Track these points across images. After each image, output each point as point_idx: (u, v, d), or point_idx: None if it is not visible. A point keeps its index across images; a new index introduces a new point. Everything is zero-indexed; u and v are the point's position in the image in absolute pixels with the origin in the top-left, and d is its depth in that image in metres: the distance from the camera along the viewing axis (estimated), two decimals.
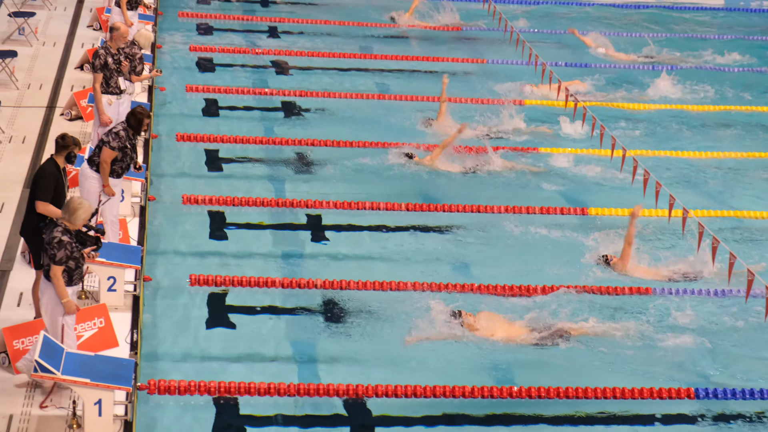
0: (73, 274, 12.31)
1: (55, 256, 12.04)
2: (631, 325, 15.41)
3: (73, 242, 12.22)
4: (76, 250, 12.27)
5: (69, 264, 12.23)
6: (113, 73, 16.99)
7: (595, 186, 19.96)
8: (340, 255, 17.01)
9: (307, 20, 27.74)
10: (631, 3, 31.81)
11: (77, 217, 12.24)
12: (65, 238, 12.13)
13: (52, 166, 13.35)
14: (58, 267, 12.12)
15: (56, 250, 12.07)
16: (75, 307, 12.25)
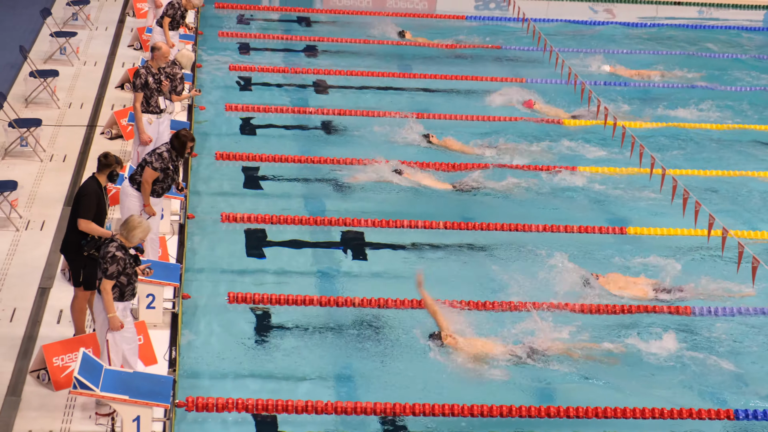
0: (124, 290, 12.43)
1: (107, 270, 12.20)
2: (634, 342, 15.35)
3: (126, 259, 12.33)
4: (129, 267, 12.39)
5: (120, 280, 12.36)
6: (153, 92, 17.09)
7: (632, 205, 19.88)
8: (378, 273, 17.00)
9: (346, 39, 27.82)
10: (672, 23, 31.73)
11: (134, 236, 12.41)
12: (119, 254, 12.28)
13: (94, 184, 13.41)
14: (109, 281, 12.27)
15: (109, 265, 12.23)
16: (119, 324, 12.32)
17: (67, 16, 25.46)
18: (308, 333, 15.22)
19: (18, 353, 13.40)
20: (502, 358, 14.73)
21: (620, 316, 16.12)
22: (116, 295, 12.37)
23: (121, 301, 12.43)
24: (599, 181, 20.59)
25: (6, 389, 12.74)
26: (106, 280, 12.27)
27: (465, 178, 20.13)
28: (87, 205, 13.21)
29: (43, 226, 16.45)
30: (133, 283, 12.51)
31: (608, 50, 28.62)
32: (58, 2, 26.63)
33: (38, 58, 22.95)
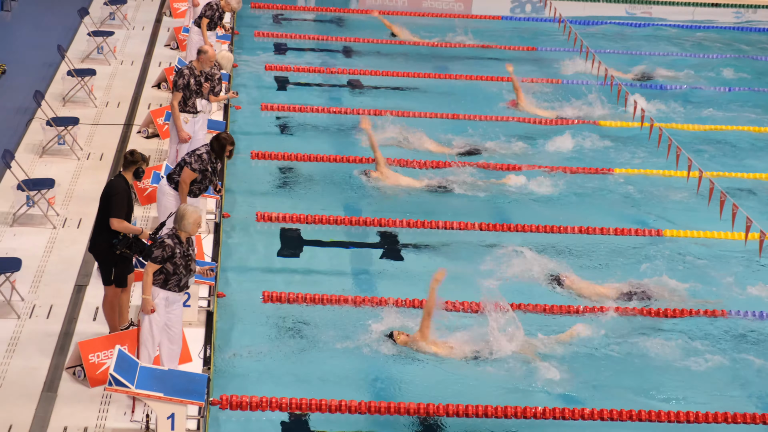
0: (169, 278, 12.56)
1: (152, 253, 12.45)
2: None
3: (176, 248, 12.49)
4: (179, 257, 12.51)
5: (166, 267, 12.51)
6: (193, 93, 17.14)
7: (671, 207, 19.80)
8: (412, 273, 16.99)
9: (381, 40, 27.84)
10: (708, 25, 31.60)
11: (186, 224, 12.59)
12: (168, 241, 12.49)
13: (122, 182, 13.42)
14: (152, 265, 12.47)
15: (156, 248, 12.47)
16: (151, 307, 12.45)
17: (104, 15, 25.60)
18: (342, 333, 15.22)
19: (54, 350, 13.50)
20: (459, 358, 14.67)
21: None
22: (159, 281, 12.53)
23: (162, 289, 12.54)
24: (635, 183, 20.51)
25: (42, 385, 12.83)
26: (150, 263, 12.49)
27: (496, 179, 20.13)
28: (118, 203, 13.24)
29: (79, 224, 16.54)
30: (179, 274, 12.61)
31: (643, 52, 28.51)
32: (96, 2, 26.80)
33: (76, 57, 23.09)
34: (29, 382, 12.84)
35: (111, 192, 13.33)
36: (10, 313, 14.10)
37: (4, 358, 13.26)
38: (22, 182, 16.37)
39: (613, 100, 22.21)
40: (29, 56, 23.41)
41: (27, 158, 18.24)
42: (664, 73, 26.84)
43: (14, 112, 20.46)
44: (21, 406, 12.41)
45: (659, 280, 16.79)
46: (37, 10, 26.99)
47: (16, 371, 13.02)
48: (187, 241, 12.71)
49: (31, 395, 12.62)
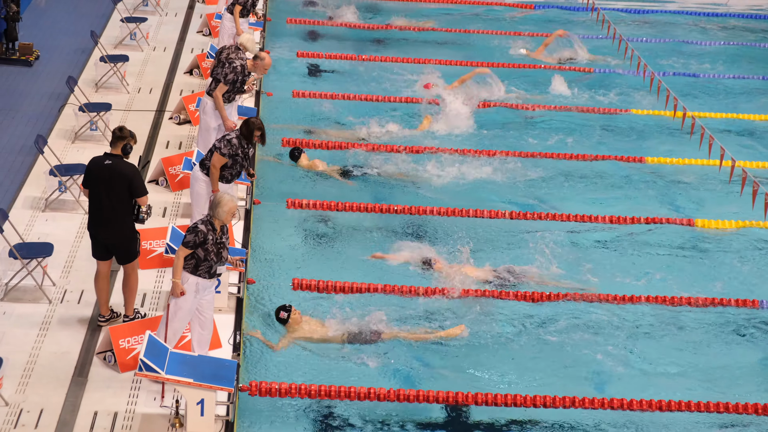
0: (199, 264, 12.62)
1: (185, 237, 12.54)
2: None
3: (209, 235, 12.55)
4: (211, 244, 12.56)
5: (198, 252, 12.57)
6: (237, 90, 17.07)
7: (702, 194, 19.72)
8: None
9: (414, 27, 27.79)
10: (743, 13, 31.37)
11: (220, 212, 12.61)
12: (201, 227, 12.55)
13: (122, 160, 13.41)
14: (183, 249, 12.53)
15: (188, 233, 12.54)
16: (180, 290, 12.52)
17: (137, 1, 25.69)
18: (370, 320, 15.23)
19: (85, 335, 13.57)
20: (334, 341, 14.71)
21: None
22: (190, 266, 12.60)
23: (193, 274, 12.60)
24: (668, 172, 20.44)
25: (73, 370, 12.91)
26: (182, 246, 12.55)
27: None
28: (141, 182, 13.41)
29: None
30: (210, 261, 12.66)
31: (678, 39, 28.34)
32: None
33: (109, 43, 23.17)
34: (60, 366, 12.92)
35: (130, 177, 13.29)
36: (42, 298, 14.19)
37: (36, 342, 13.35)
38: (54, 168, 16.45)
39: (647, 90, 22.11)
40: (63, 42, 23.51)
41: (60, 144, 18.32)
42: (695, 61, 26.71)
43: (47, 98, 20.56)
44: (52, 391, 12.50)
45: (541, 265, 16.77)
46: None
47: (47, 356, 13.11)
48: (221, 228, 12.75)
49: (62, 380, 12.70)
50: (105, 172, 13.33)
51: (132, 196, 13.31)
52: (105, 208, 13.35)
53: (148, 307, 14.25)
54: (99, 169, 13.39)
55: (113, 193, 13.30)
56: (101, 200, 13.35)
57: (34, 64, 22.29)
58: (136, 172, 13.39)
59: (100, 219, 13.42)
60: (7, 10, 22.18)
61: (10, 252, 14.18)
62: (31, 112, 19.92)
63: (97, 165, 13.44)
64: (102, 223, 13.43)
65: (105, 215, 13.37)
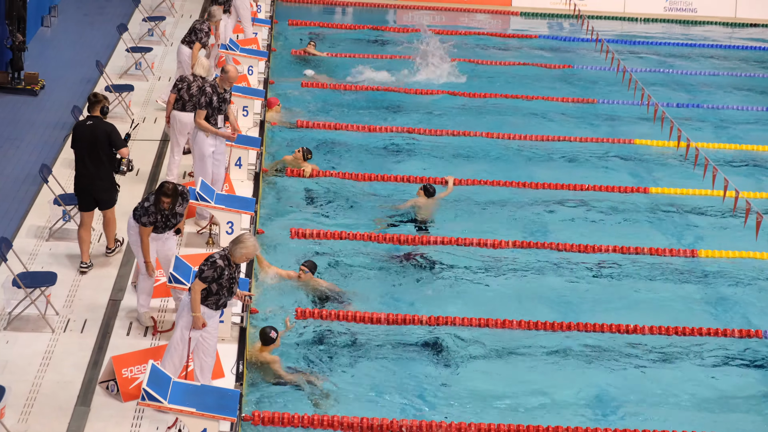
0: (210, 296, 12.69)
1: (203, 272, 12.59)
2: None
3: (225, 270, 12.58)
4: (226, 279, 12.62)
5: (211, 286, 12.62)
6: (215, 111, 17.04)
7: (706, 225, 19.74)
8: (445, 292, 17.00)
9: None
10: (745, 45, 31.48)
11: (236, 251, 12.57)
12: (220, 262, 12.55)
13: (101, 120, 15.45)
14: (200, 283, 12.57)
15: (206, 268, 12.56)
16: (203, 323, 12.63)
17: (143, 31, 25.78)
18: (376, 352, 15.23)
19: (88, 364, 13.56)
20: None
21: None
22: (200, 297, 12.67)
23: (201, 304, 12.63)
24: (671, 203, 20.47)
25: (76, 399, 12.89)
26: (198, 281, 12.57)
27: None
28: (118, 135, 15.43)
29: (123, 241, 16.59)
30: (221, 294, 12.71)
31: (681, 71, 28.43)
32: (135, 18, 26.97)
33: (114, 72, 23.23)
34: (63, 395, 12.91)
35: (108, 132, 15.32)
36: (45, 327, 14.19)
37: (39, 371, 13.34)
38: (58, 197, 16.48)
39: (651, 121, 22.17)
40: (68, 72, 23.59)
41: (64, 173, 18.34)
42: (698, 91, 26.81)
43: (52, 127, 20.62)
44: (54, 420, 12.48)
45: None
46: (77, 26, 27.21)
47: (50, 385, 13.10)
48: (236, 264, 12.78)
49: (65, 409, 12.69)
50: (87, 132, 15.34)
51: (112, 149, 15.26)
52: (90, 163, 15.32)
53: (149, 337, 14.24)
54: (83, 130, 15.42)
55: (96, 148, 15.29)
56: (86, 156, 15.31)
57: (40, 93, 22.36)
58: (114, 128, 15.38)
59: (87, 174, 15.35)
60: (13, 40, 22.27)
61: (14, 281, 14.19)
62: (36, 142, 19.97)
63: (80, 127, 15.52)
64: (89, 177, 15.35)
65: (90, 170, 15.33)
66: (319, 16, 31.61)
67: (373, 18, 31.76)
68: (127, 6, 27.82)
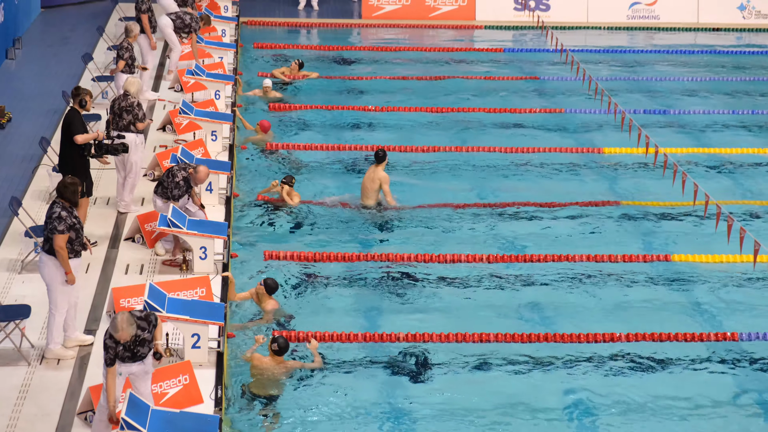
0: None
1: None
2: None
3: (118, 348, 12.07)
4: (122, 352, 12.12)
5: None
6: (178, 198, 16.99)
7: (678, 234, 19.81)
8: (425, 308, 17.00)
9: (385, 77, 27.95)
10: (710, 49, 31.70)
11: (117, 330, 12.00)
12: (109, 342, 12.05)
13: (75, 111, 16.93)
14: (107, 368, 12.08)
15: (104, 350, 12.08)
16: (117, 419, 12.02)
17: (108, 60, 25.72)
18: (354, 370, 15.22)
19: (65, 396, 13.49)
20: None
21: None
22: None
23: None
24: (643, 210, 20.56)
25: (54, 431, 12.81)
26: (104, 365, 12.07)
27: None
28: (78, 125, 16.80)
29: (88, 268, 16.55)
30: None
31: (647, 77, 28.62)
32: (99, 47, 26.93)
33: None
34: (41, 428, 12.83)
35: (69, 120, 16.82)
36: (21, 360, 14.10)
37: (16, 405, 13.26)
38: (29, 229, 16.41)
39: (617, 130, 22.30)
40: (34, 103, 23.54)
41: (34, 205, 18.28)
42: (664, 97, 26.99)
43: (20, 160, 20.55)
44: None
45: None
46: (42, 57, 27.16)
47: (28, 418, 13.02)
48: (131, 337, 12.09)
49: None
50: (63, 122, 17.03)
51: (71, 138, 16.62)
52: (61, 151, 17.03)
53: None
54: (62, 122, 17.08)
55: (64, 136, 16.87)
56: (61, 144, 16.99)
57: (6, 126, 22.29)
58: (75, 116, 16.86)
59: (60, 162, 17.09)
60: None
61: None
62: (4, 174, 19.89)
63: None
64: (61, 165, 17.01)
65: (61, 158, 17.07)
66: (284, 38, 31.65)
67: (339, 38, 31.85)
68: (91, 36, 27.79)
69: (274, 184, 20.13)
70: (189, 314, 14.10)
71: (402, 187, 20.96)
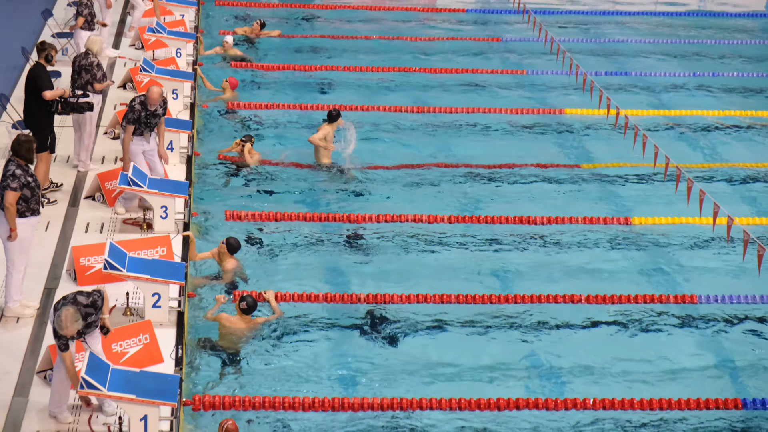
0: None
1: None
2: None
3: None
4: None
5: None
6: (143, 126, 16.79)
7: (638, 196, 19.90)
8: (382, 270, 17.03)
9: (348, 36, 27.85)
10: (672, 11, 31.77)
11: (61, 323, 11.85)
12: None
13: (41, 66, 17.08)
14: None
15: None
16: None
17: (68, 17, 25.46)
18: (314, 330, 15.24)
19: (25, 354, 13.44)
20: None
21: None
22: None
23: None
24: (603, 172, 20.65)
25: (13, 390, 12.77)
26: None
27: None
28: (46, 80, 16.91)
29: (47, 226, 16.45)
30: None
31: (609, 39, 28.67)
32: (59, 3, 26.65)
33: None
34: (0, 387, 12.78)
35: (36, 75, 16.90)
36: None
37: None
38: None
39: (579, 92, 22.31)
40: None
41: None
42: (626, 59, 27.06)
43: None
44: None
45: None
46: (0, 13, 26.83)
47: None
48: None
49: (3, 401, 12.56)
50: (28, 76, 17.12)
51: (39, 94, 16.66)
52: (25, 106, 17.11)
53: None
54: (27, 75, 17.16)
55: (30, 92, 16.98)
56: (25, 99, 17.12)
57: None
58: (41, 72, 16.93)
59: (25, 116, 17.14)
60: None
61: None
62: None
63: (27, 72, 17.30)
64: (26, 119, 17.11)
65: (26, 112, 17.09)
66: None
67: None
68: None
69: (237, 143, 20.08)
70: (150, 273, 14.06)
71: (362, 146, 20.91)
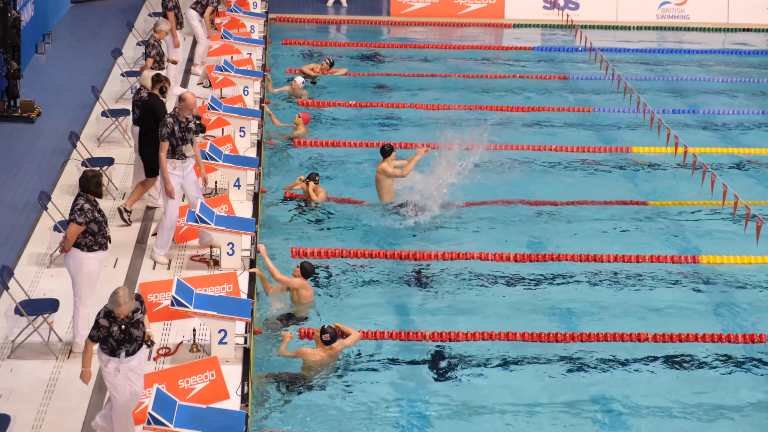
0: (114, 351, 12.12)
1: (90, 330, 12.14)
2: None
3: (112, 327, 11.98)
4: (117, 333, 12.01)
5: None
6: (179, 141, 16.77)
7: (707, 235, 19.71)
8: (452, 306, 16.99)
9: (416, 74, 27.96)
10: (738, 49, 31.56)
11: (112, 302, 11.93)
12: (103, 321, 11.99)
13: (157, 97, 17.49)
14: (89, 341, 12.09)
15: (92, 329, 12.03)
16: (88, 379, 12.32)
17: (137, 55, 25.81)
18: (380, 366, 15.22)
19: (92, 390, 13.51)
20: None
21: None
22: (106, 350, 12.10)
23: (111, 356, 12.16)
24: (671, 210, 20.49)
25: (82, 426, 12.87)
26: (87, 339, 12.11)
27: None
28: (164, 110, 17.30)
29: (116, 263, 16.61)
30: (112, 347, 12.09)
31: (677, 77, 28.53)
32: (129, 42, 27.03)
33: (110, 97, 23.26)
34: (68, 422, 12.89)
35: (154, 106, 17.36)
36: (48, 354, 14.17)
37: (44, 399, 13.32)
38: (58, 223, 16.48)
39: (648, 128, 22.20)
40: (64, 98, 23.63)
41: (63, 200, 18.34)
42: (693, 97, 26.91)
43: (50, 154, 20.64)
44: None
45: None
46: (71, 52, 27.27)
47: (55, 412, 13.07)
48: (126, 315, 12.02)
49: None
50: (143, 106, 17.61)
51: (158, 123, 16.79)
52: (142, 136, 17.52)
53: (152, 362, 14.20)
54: (140, 105, 17.75)
55: (146, 121, 17.40)
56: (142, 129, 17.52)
57: (36, 120, 22.40)
58: (157, 103, 17.37)
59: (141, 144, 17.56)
60: (8, 68, 22.31)
61: (16, 309, 14.18)
62: (34, 169, 19.99)
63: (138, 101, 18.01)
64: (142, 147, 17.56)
65: (140, 138, 17.61)
66: (313, 35, 31.68)
67: (367, 35, 31.86)
68: (120, 30, 27.89)
69: (300, 180, 20.18)
70: (216, 310, 14.13)
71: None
